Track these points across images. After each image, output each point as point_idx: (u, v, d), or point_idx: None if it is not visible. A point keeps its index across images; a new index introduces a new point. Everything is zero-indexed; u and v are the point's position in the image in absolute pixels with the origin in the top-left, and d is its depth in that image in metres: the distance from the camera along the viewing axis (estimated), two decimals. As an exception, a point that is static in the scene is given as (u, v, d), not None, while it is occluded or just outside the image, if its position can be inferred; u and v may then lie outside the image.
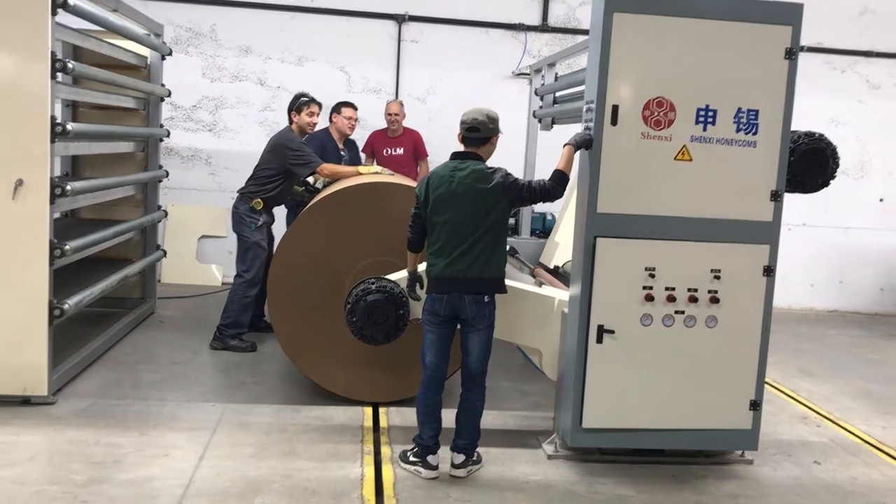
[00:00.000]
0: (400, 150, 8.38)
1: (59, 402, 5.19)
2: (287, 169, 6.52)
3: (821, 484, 4.72)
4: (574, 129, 4.77)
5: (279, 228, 6.61)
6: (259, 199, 6.54)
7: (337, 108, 7.55)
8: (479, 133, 4.40)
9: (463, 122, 4.42)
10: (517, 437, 5.11)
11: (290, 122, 6.72)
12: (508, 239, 7.17)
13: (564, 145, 4.46)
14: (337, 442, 4.86)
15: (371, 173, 6.17)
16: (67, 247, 5.24)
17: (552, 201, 4.47)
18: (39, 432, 4.74)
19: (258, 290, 6.69)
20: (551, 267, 6.51)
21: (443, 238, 4.35)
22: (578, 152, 4.53)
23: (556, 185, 4.38)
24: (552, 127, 7.45)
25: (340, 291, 5.32)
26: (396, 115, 8.35)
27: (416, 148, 8.43)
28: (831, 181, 5.01)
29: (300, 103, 6.66)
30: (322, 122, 7.32)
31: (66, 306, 5.21)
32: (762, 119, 4.50)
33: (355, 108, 7.63)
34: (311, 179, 6.68)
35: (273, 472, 4.38)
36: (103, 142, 6.52)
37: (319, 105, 6.78)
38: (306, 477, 4.36)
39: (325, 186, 6.44)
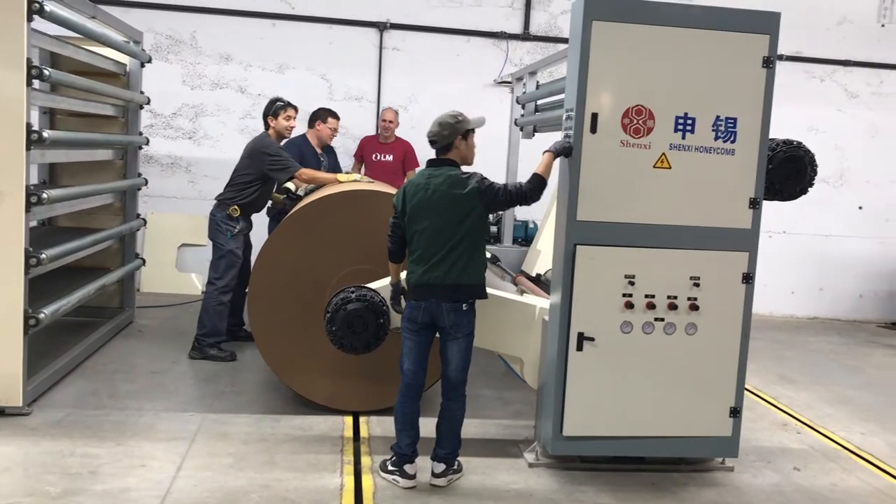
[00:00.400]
0: (389, 157, 8.38)
1: (35, 413, 5.12)
2: (264, 174, 6.49)
3: (800, 490, 4.73)
4: (555, 137, 4.78)
5: (262, 236, 6.54)
6: (236, 206, 6.49)
7: (323, 117, 7.52)
8: (438, 143, 4.40)
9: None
10: (498, 445, 5.09)
11: (267, 127, 6.69)
12: (490, 247, 7.26)
13: (544, 152, 4.46)
14: (317, 452, 4.82)
15: (350, 181, 6.16)
16: (43, 255, 5.18)
17: (528, 205, 4.46)
18: (14, 443, 4.67)
19: (235, 298, 6.70)
20: (533, 275, 6.51)
21: (422, 246, 4.34)
22: (558, 160, 4.53)
23: (532, 189, 4.37)
24: (534, 135, 7.46)
25: (321, 300, 5.28)
26: (391, 122, 8.42)
27: (405, 157, 8.43)
28: (809, 189, 5.05)
29: (277, 107, 6.65)
30: (300, 128, 7.32)
31: (41, 316, 5.15)
32: (740, 127, 4.52)
33: (338, 119, 7.64)
34: (291, 187, 6.64)
35: (251, 483, 4.34)
36: (81, 149, 6.46)
37: (296, 109, 6.79)
38: (285, 487, 4.32)
39: (306, 194, 6.41)
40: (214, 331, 6.52)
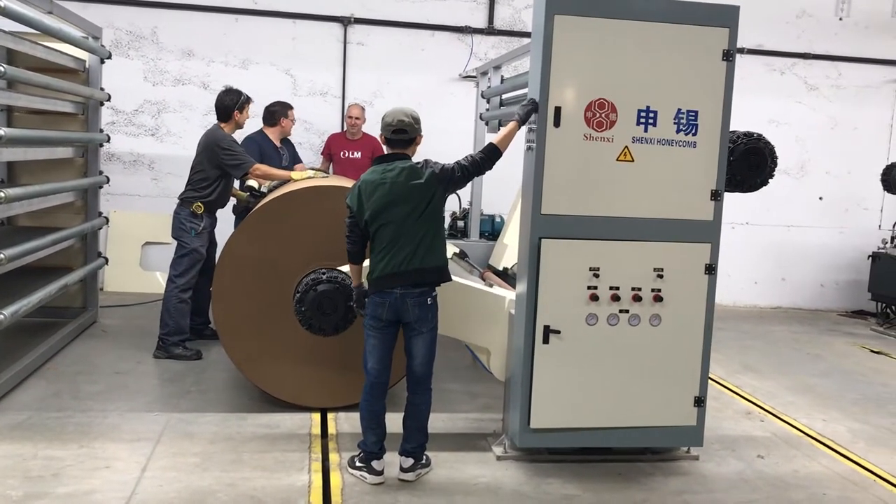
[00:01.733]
0: (357, 154, 8.35)
1: (-5, 416, 5.04)
2: (222, 169, 6.42)
3: (764, 477, 4.81)
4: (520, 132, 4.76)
5: (227, 233, 6.42)
6: (199, 203, 6.39)
7: (285, 112, 7.49)
8: (406, 134, 4.35)
9: (388, 125, 4.34)
10: (466, 439, 5.10)
11: (227, 119, 6.53)
12: (458, 241, 7.27)
13: (510, 121, 4.46)
14: (284, 449, 4.79)
15: (304, 178, 6.12)
16: (2, 255, 5.10)
17: (482, 174, 4.50)
18: (-27, 447, 4.59)
19: (201, 296, 6.65)
20: (500, 269, 6.53)
21: (386, 239, 4.29)
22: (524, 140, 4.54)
23: (485, 159, 4.39)
24: (499, 129, 7.46)
25: (286, 297, 5.26)
26: (357, 118, 8.40)
27: (374, 153, 8.40)
28: (770, 180, 5.13)
29: (244, 101, 6.59)
30: (255, 124, 7.36)
31: (1, 317, 5.06)
32: (701, 120, 4.57)
33: (293, 108, 7.72)
34: (254, 184, 6.60)
35: (218, 482, 4.30)
36: (40, 147, 6.35)
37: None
38: (252, 486, 4.29)
39: (270, 191, 6.36)
40: (178, 329, 6.44)
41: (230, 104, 6.54)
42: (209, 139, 6.47)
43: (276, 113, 7.47)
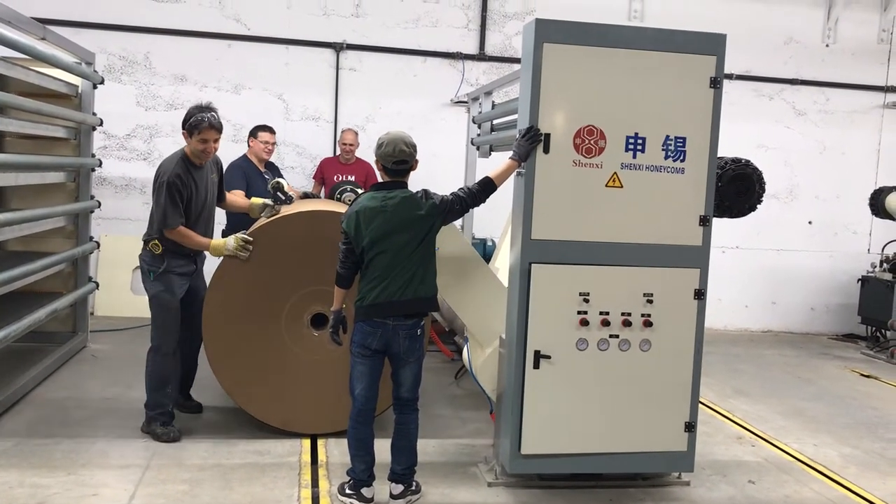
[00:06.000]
0: (351, 178, 8.37)
1: (-18, 443, 5.00)
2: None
3: (755, 503, 4.79)
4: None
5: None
6: (156, 242, 5.28)
7: (253, 133, 7.45)
8: (407, 164, 4.39)
9: (388, 155, 4.33)
10: (457, 465, 5.08)
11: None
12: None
13: (510, 158, 4.49)
14: (274, 476, 4.76)
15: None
16: (-9, 281, 5.07)
17: (476, 207, 4.62)
18: (-41, 475, 4.54)
19: (184, 359, 5.60)
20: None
21: (381, 266, 4.30)
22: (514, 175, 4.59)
23: (481, 192, 4.51)
24: (490, 154, 7.52)
25: (277, 323, 5.26)
26: (351, 144, 8.46)
27: (367, 177, 8.43)
28: (758, 206, 5.17)
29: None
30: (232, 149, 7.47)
31: (-11, 342, 5.03)
32: (689, 146, 4.60)
33: (273, 132, 7.56)
34: (284, 183, 5.92)
35: (207, 509, 4.28)
36: (31, 172, 6.35)
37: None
38: (241, 513, 4.26)
39: (273, 208, 5.79)
40: (155, 402, 5.34)
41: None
42: (158, 170, 5.39)
43: (249, 135, 7.50)
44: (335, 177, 8.44)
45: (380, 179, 4.52)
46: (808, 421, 6.49)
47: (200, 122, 5.25)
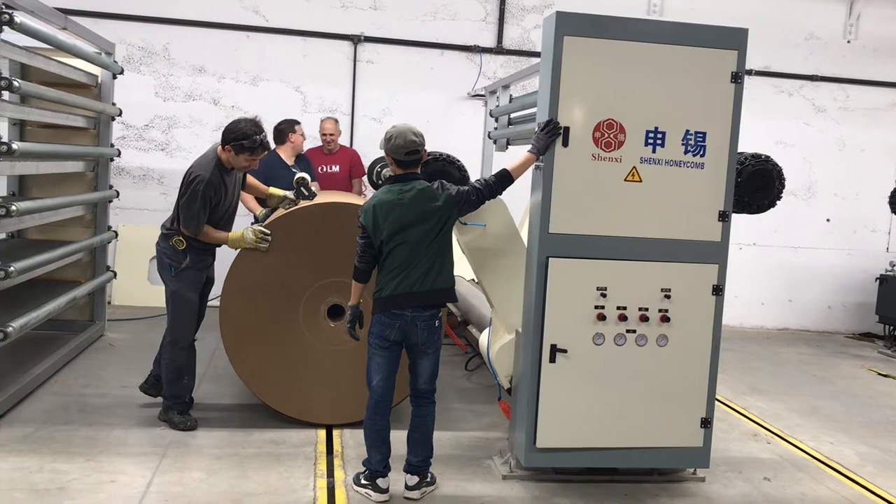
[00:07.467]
0: (336, 168, 8.30)
1: (1, 429, 5.04)
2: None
3: (770, 500, 4.78)
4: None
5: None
6: (180, 238, 5.25)
7: (292, 128, 7.45)
8: (418, 154, 4.38)
9: (400, 147, 4.30)
10: (472, 457, 5.09)
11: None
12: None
13: (528, 151, 4.47)
14: (290, 465, 4.79)
15: (256, 238, 5.29)
16: (12, 268, 5.13)
17: (493, 199, 4.55)
18: (-20, 460, 4.60)
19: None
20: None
21: (400, 258, 4.31)
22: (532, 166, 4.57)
23: (497, 183, 4.47)
24: (507, 148, 7.51)
25: (294, 313, 5.28)
26: (332, 135, 8.24)
27: (352, 165, 8.38)
28: (778, 202, 5.14)
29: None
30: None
31: (9, 329, 5.08)
32: (709, 141, 4.58)
33: (300, 123, 7.63)
34: (307, 177, 5.77)
35: (223, 497, 4.30)
36: (51, 161, 6.40)
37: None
38: (258, 502, 4.28)
39: (294, 202, 5.71)
40: (171, 393, 5.39)
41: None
42: (191, 167, 5.34)
43: (284, 130, 7.47)
44: (320, 168, 8.31)
45: (390, 173, 4.51)
46: (823, 419, 6.45)
47: (256, 147, 5.18)
